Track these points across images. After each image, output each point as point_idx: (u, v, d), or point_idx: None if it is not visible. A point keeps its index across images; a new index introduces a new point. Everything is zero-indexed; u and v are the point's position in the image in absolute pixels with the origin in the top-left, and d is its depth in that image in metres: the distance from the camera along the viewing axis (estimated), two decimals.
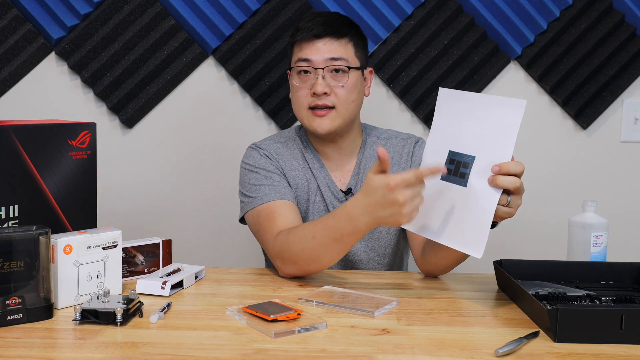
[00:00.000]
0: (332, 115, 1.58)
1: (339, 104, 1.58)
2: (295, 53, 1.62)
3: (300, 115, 1.62)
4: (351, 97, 1.59)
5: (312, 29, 1.58)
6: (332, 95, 1.57)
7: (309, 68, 1.58)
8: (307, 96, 1.59)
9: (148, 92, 2.12)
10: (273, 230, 1.50)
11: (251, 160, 1.65)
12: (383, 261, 1.67)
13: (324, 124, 1.58)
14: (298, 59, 1.60)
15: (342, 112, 1.59)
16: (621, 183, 2.19)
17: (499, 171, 1.22)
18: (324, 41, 1.58)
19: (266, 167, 1.63)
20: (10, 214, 1.31)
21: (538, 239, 2.19)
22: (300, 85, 1.60)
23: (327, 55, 1.57)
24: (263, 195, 1.57)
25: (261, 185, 1.59)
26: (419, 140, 1.71)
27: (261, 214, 1.55)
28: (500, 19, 2.12)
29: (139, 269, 1.45)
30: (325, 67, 1.57)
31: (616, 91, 2.15)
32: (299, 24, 1.61)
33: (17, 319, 1.15)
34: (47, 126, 1.37)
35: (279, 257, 1.46)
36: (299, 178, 1.65)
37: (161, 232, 2.06)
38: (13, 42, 2.08)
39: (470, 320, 1.22)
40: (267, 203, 1.55)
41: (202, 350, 1.06)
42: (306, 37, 1.59)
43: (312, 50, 1.58)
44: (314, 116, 1.59)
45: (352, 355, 1.04)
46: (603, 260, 1.49)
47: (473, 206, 1.24)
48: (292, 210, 1.56)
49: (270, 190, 1.58)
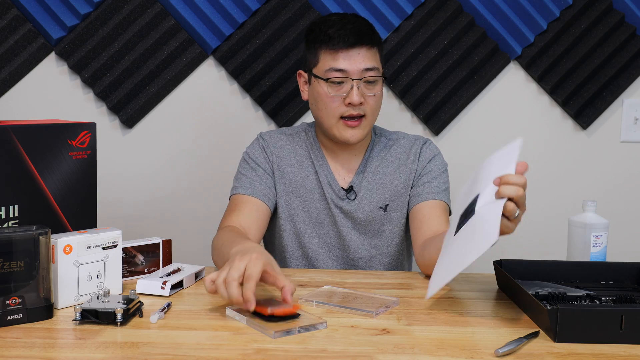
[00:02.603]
0: (363, 125, 1.60)
1: (369, 112, 1.60)
2: (326, 61, 1.57)
3: (329, 123, 1.60)
4: (379, 105, 1.62)
5: (347, 38, 1.55)
6: (364, 104, 1.58)
7: (344, 79, 1.56)
8: (340, 106, 1.58)
9: (148, 92, 2.13)
10: (226, 221, 1.60)
11: (250, 149, 1.71)
12: (384, 260, 1.68)
13: (357, 134, 1.59)
14: (331, 69, 1.56)
15: (370, 120, 1.61)
16: (621, 183, 2.19)
17: (500, 182, 1.19)
18: (358, 50, 1.56)
19: (257, 159, 1.67)
20: (10, 214, 1.31)
21: (538, 239, 2.19)
22: (334, 95, 1.58)
23: (362, 65, 1.56)
24: (240, 185, 1.65)
25: (243, 176, 1.66)
26: (427, 142, 1.71)
27: (230, 204, 1.65)
28: (500, 19, 2.12)
29: (139, 269, 1.45)
30: (362, 78, 1.56)
31: (616, 91, 2.15)
32: (328, 31, 1.56)
33: (17, 319, 1.15)
34: (47, 126, 1.37)
35: (212, 248, 1.55)
36: (294, 174, 1.66)
37: (161, 232, 2.06)
38: (13, 42, 2.08)
39: (470, 320, 1.22)
40: (239, 195, 1.64)
41: (202, 350, 1.06)
42: (341, 47, 1.56)
43: (347, 61, 1.56)
44: (346, 127, 1.59)
45: (352, 355, 1.04)
46: (603, 260, 1.49)
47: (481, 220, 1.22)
48: (253, 208, 1.62)
49: (247, 183, 1.64)
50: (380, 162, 1.69)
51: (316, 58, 1.60)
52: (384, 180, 1.67)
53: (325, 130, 1.63)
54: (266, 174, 1.66)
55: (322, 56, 1.58)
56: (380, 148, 1.70)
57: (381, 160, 1.69)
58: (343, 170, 1.68)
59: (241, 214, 1.60)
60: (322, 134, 1.68)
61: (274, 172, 1.67)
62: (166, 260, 1.49)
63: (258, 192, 1.63)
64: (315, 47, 1.60)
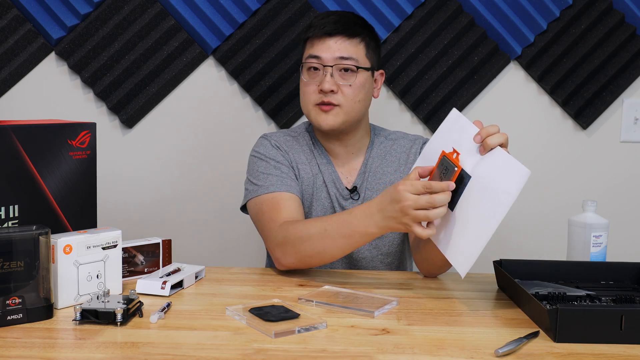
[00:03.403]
0: (336, 112, 1.60)
1: (344, 102, 1.60)
2: (307, 49, 1.64)
3: (307, 110, 1.64)
4: (358, 96, 1.61)
5: (325, 26, 1.60)
6: (339, 93, 1.59)
7: (318, 65, 1.60)
8: (314, 92, 1.61)
9: (148, 92, 2.12)
10: (277, 219, 1.52)
11: (262, 149, 1.67)
12: (386, 260, 1.68)
13: (328, 119, 1.60)
14: (309, 55, 1.62)
15: (347, 110, 1.60)
16: (621, 183, 2.19)
17: (481, 138, 1.27)
18: (335, 39, 1.60)
19: (276, 157, 1.64)
20: (10, 214, 1.31)
21: (538, 239, 2.19)
22: (308, 81, 1.62)
23: (337, 53, 1.59)
24: (269, 184, 1.59)
25: (269, 175, 1.60)
26: (427, 141, 1.71)
27: (265, 203, 1.57)
28: (500, 19, 2.12)
29: (139, 269, 1.45)
30: (334, 65, 1.59)
31: (616, 91, 2.15)
32: (313, 21, 1.63)
33: (17, 319, 1.15)
34: (47, 126, 1.37)
35: (280, 246, 1.47)
36: (306, 172, 1.67)
37: (161, 232, 2.06)
38: (13, 42, 2.08)
39: (470, 320, 1.22)
40: (272, 193, 1.57)
41: (202, 350, 1.06)
42: (318, 34, 1.60)
43: (322, 48, 1.60)
44: (320, 111, 1.61)
45: (352, 355, 1.04)
46: (603, 260, 1.49)
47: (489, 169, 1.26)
48: (296, 204, 1.58)
49: (277, 181, 1.59)
50: (381, 162, 1.69)
51: (303, 48, 1.66)
52: (384, 180, 1.67)
53: (307, 118, 1.66)
54: (290, 169, 1.64)
55: (307, 45, 1.65)
56: (381, 148, 1.70)
57: (382, 161, 1.69)
58: (345, 170, 1.69)
59: (290, 211, 1.54)
60: (316, 130, 1.69)
61: (293, 169, 1.66)
62: (166, 260, 1.49)
63: (293, 188, 1.60)
64: (304, 38, 1.66)
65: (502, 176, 1.23)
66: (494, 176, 1.24)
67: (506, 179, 1.23)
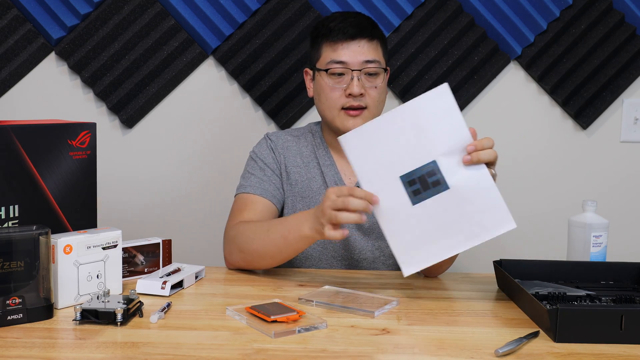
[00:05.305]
0: (365, 115, 1.61)
1: (371, 104, 1.61)
2: (327, 54, 1.61)
3: (331, 115, 1.62)
4: (382, 97, 1.64)
5: (347, 30, 1.59)
6: (366, 96, 1.60)
7: (345, 70, 1.59)
8: (340, 97, 1.60)
9: (148, 92, 2.12)
10: (237, 218, 1.59)
11: (257, 148, 1.71)
12: (388, 261, 1.67)
13: (358, 123, 1.59)
14: (331, 61, 1.60)
15: (373, 112, 1.62)
16: (621, 183, 2.19)
17: (474, 149, 1.25)
18: (358, 43, 1.59)
19: (265, 159, 1.68)
20: (10, 214, 1.31)
21: (538, 239, 2.19)
22: (334, 87, 1.61)
23: (362, 57, 1.59)
24: (248, 185, 1.65)
25: (252, 175, 1.66)
26: None
27: (237, 201, 1.64)
28: (500, 19, 2.12)
29: (139, 269, 1.45)
30: (362, 69, 1.59)
31: (616, 91, 2.15)
32: (329, 25, 1.61)
33: (17, 319, 1.15)
34: (47, 126, 1.37)
35: (228, 244, 1.54)
36: (300, 176, 1.67)
37: (161, 232, 2.06)
38: (13, 42, 2.08)
39: (470, 320, 1.22)
40: (247, 194, 1.63)
41: (202, 350, 1.06)
42: (341, 39, 1.59)
43: (347, 53, 1.59)
44: (348, 116, 1.61)
45: (352, 355, 1.05)
46: (603, 260, 1.49)
47: (472, 195, 1.25)
48: (265, 208, 1.62)
49: (256, 182, 1.64)
50: None
51: (319, 52, 1.64)
52: None
53: (328, 123, 1.65)
54: (274, 174, 1.67)
55: (324, 50, 1.62)
56: None
57: None
58: (349, 171, 1.69)
59: (253, 213, 1.59)
60: (328, 132, 1.69)
61: (281, 173, 1.68)
62: (166, 260, 1.49)
63: (267, 192, 1.63)
64: (318, 41, 1.64)
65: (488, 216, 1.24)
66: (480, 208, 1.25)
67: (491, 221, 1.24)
